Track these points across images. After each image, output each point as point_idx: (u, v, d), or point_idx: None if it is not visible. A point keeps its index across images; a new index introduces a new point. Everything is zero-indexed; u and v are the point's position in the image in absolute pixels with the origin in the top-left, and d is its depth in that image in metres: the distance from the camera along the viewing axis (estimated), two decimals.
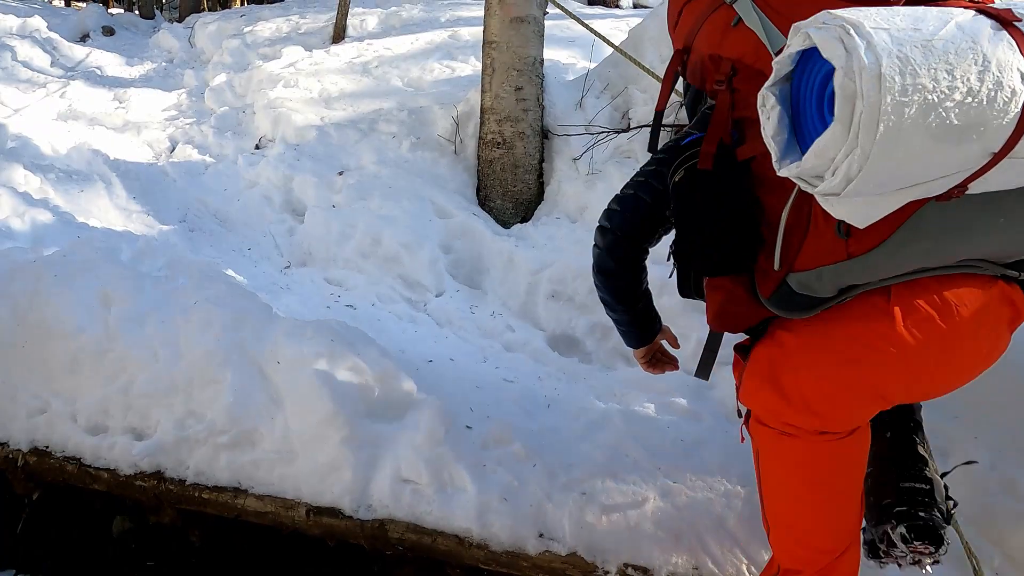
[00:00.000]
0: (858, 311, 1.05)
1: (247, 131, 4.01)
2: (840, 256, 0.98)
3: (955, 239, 0.96)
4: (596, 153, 3.14)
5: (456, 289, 2.83)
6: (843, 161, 0.77)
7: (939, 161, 0.79)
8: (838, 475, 1.20)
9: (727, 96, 1.11)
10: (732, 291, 1.13)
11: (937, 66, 0.73)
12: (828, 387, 1.10)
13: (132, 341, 1.79)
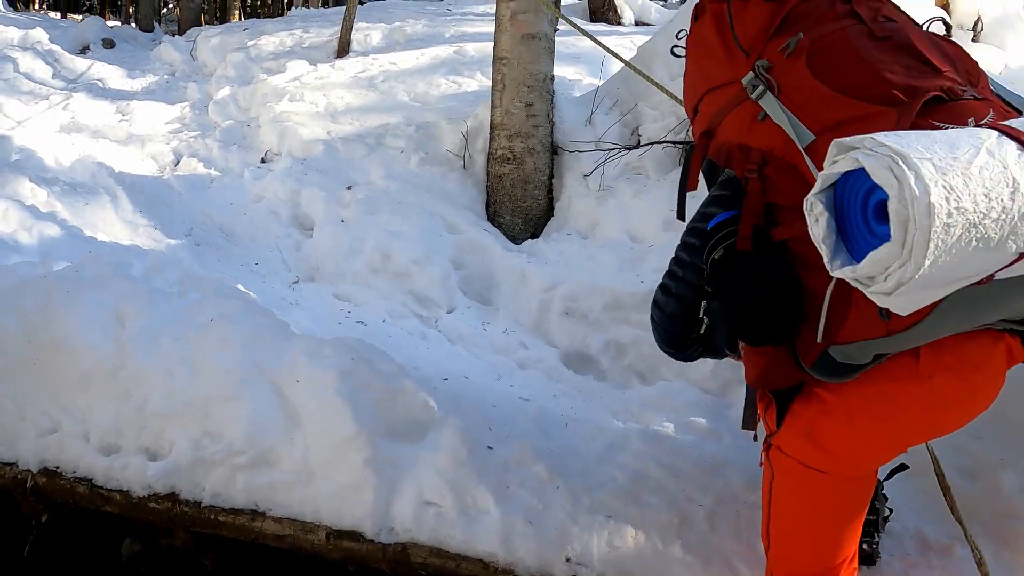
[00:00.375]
0: (891, 372, 1.13)
1: (252, 145, 3.99)
2: (880, 333, 1.06)
3: (982, 312, 1.07)
4: (607, 169, 3.13)
5: (467, 305, 2.80)
6: (896, 271, 0.87)
7: (978, 264, 0.90)
8: (848, 509, 1.29)
9: (758, 183, 1.17)
10: (775, 357, 1.19)
11: (976, 191, 0.84)
12: (861, 442, 1.21)
13: (146, 358, 1.75)
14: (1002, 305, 1.05)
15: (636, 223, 2.88)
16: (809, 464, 1.22)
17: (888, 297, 0.90)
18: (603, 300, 2.48)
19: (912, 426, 1.18)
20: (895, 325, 1.03)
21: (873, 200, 0.89)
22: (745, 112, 1.19)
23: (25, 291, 1.89)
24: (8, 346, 1.81)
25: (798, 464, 1.24)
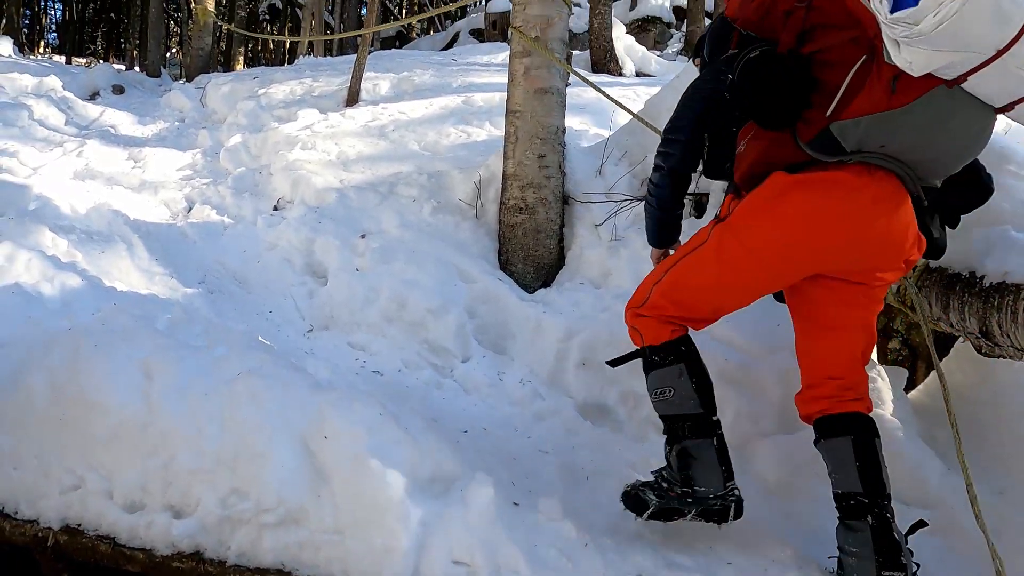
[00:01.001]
0: (833, 173, 1.55)
1: (264, 192, 4.04)
2: (881, 107, 1.44)
3: (936, 124, 1.45)
4: (618, 220, 3.18)
5: (482, 355, 2.81)
6: (944, 7, 1.18)
7: (980, 36, 1.22)
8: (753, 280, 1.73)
9: (803, 11, 1.56)
10: (776, 139, 1.58)
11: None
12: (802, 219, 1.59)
13: (174, 414, 1.75)
14: (938, 136, 1.46)
15: (646, 273, 2.91)
16: (753, 223, 1.64)
17: (919, 41, 1.24)
18: (620, 351, 2.48)
19: (819, 210, 1.56)
20: (895, 102, 1.43)
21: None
22: None
23: (52, 345, 1.90)
24: (35, 402, 1.80)
25: (742, 228, 1.66)
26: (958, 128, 1.46)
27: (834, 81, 1.50)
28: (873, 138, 1.48)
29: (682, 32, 11.01)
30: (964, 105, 1.41)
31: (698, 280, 1.74)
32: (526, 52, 3.20)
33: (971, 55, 1.25)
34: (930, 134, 1.47)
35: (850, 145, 1.50)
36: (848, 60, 1.49)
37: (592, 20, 6.70)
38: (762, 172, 1.62)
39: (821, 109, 1.51)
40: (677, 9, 12.80)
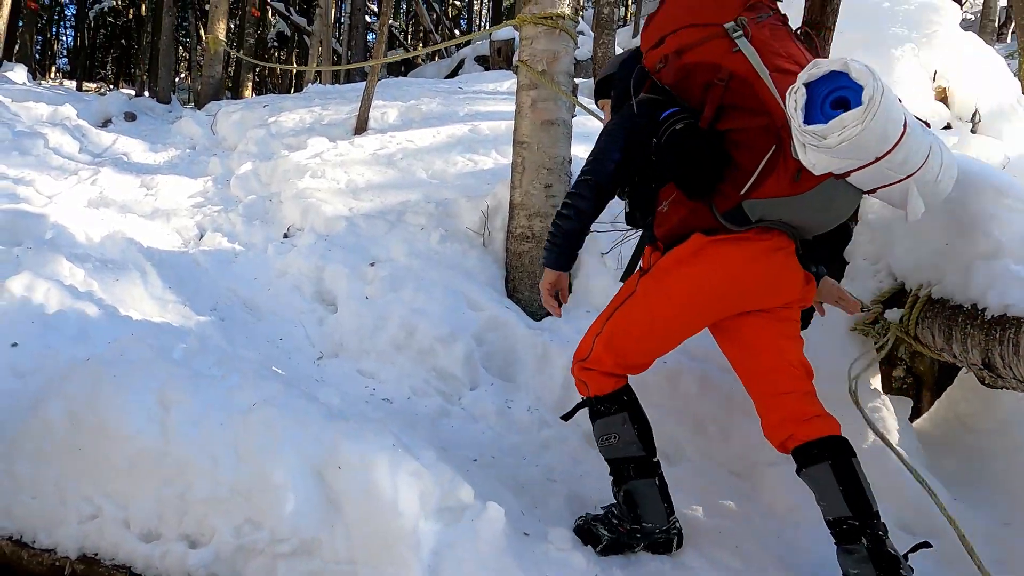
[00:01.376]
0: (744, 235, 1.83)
1: (274, 220, 4.10)
2: (785, 193, 1.76)
3: (822, 204, 1.78)
4: (623, 249, 3.23)
5: (490, 383, 2.84)
6: (849, 129, 1.50)
7: (868, 149, 1.54)
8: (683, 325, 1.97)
9: (721, 89, 1.81)
10: (697, 207, 1.84)
11: (891, 100, 1.52)
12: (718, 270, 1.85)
13: (190, 444, 1.78)
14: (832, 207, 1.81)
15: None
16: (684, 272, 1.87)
17: (821, 152, 1.57)
18: None
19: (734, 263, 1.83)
20: (796, 189, 1.74)
21: (834, 96, 1.54)
22: (722, 43, 1.82)
23: (71, 375, 1.93)
24: (54, 430, 1.84)
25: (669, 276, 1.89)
26: (838, 206, 1.84)
27: (747, 163, 1.78)
28: (775, 213, 1.80)
29: None
30: (844, 190, 1.76)
31: (634, 330, 1.94)
32: (533, 85, 3.27)
33: (858, 161, 1.59)
34: (820, 212, 1.82)
35: (755, 217, 1.81)
36: (760, 146, 1.77)
37: (596, 49, 6.81)
38: (683, 233, 1.89)
39: (735, 186, 1.79)
40: None
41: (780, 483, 2.20)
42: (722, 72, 1.80)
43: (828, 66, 1.56)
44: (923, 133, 1.65)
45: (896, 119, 1.53)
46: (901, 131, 1.54)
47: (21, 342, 2.21)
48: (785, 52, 1.83)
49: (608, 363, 1.95)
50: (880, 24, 3.07)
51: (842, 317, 2.48)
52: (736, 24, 1.81)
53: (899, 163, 1.59)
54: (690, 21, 1.88)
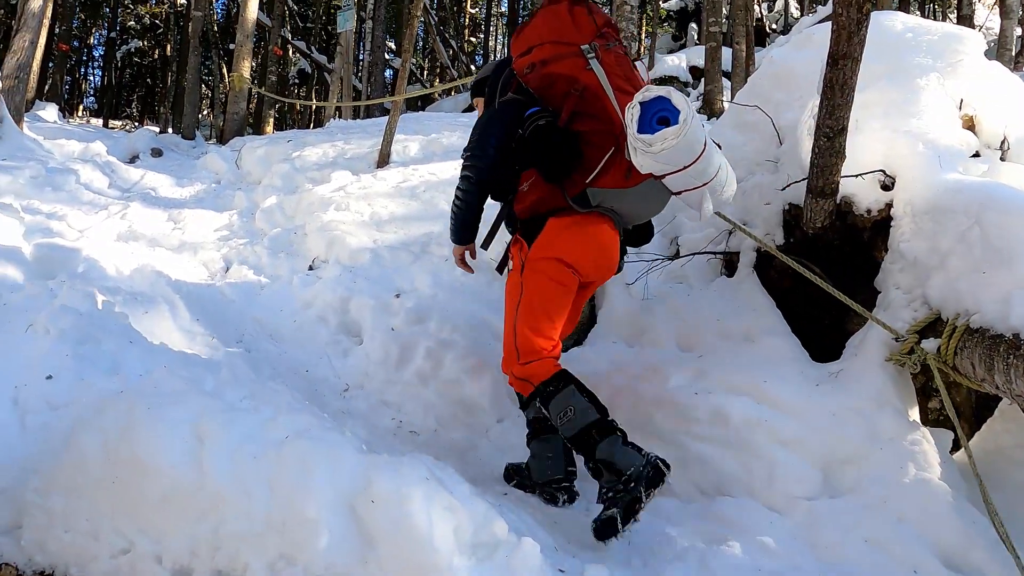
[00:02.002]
0: (584, 216, 2.26)
1: (299, 252, 4.15)
2: (620, 186, 2.21)
3: (643, 198, 2.26)
4: (650, 278, 3.22)
5: (517, 415, 2.81)
6: (668, 141, 1.95)
7: (678, 159, 1.99)
8: (564, 298, 2.29)
9: (576, 98, 2.24)
10: (551, 192, 2.24)
11: (699, 126, 1.96)
12: (576, 248, 2.27)
13: (224, 477, 1.77)
14: (648, 202, 2.31)
15: (683, 332, 2.93)
16: (550, 256, 2.24)
17: (647, 156, 2.00)
18: (661, 411, 2.49)
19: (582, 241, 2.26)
20: (627, 184, 2.19)
21: (659, 115, 1.98)
22: (579, 61, 2.26)
23: (106, 408, 1.94)
24: (88, 463, 1.84)
25: (545, 263, 2.24)
26: (653, 202, 2.32)
27: (592, 158, 2.21)
28: (609, 201, 2.25)
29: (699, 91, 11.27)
30: (659, 190, 2.23)
31: (542, 315, 2.27)
32: None
33: (672, 167, 2.04)
34: (640, 204, 2.31)
35: (595, 202, 2.24)
36: (604, 146, 2.21)
37: None
38: (540, 213, 2.28)
39: (582, 176, 2.22)
40: (693, 69, 13.14)
41: (820, 520, 2.15)
42: (578, 84, 2.25)
43: (656, 92, 2.01)
44: (716, 152, 2.13)
45: (700, 138, 2.01)
46: (703, 148, 2.03)
47: (55, 374, 2.23)
48: (624, 75, 2.31)
49: (541, 350, 2.23)
50: (903, 55, 3.07)
51: (877, 347, 2.45)
52: (590, 47, 2.27)
53: (700, 172, 2.08)
54: (555, 38, 2.30)
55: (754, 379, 2.52)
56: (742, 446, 2.38)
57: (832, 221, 2.79)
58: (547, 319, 2.26)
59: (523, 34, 2.39)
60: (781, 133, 3.21)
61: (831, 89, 2.37)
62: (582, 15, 2.34)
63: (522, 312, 2.26)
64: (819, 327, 2.93)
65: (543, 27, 2.34)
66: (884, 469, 2.17)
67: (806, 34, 3.49)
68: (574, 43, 2.27)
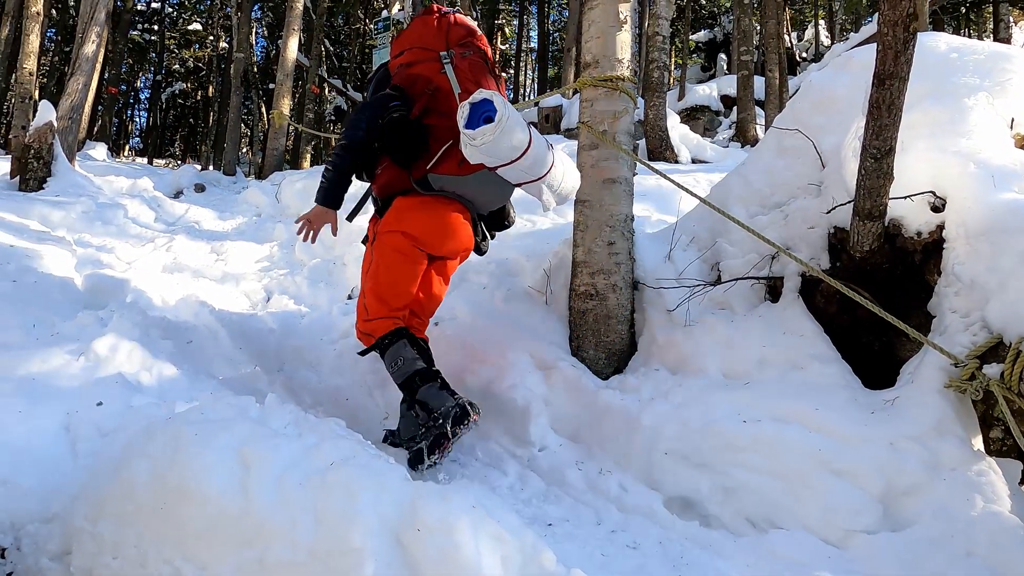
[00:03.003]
0: (431, 197, 2.61)
1: (338, 282, 4.20)
2: (454, 173, 2.56)
3: (482, 186, 2.61)
4: (691, 304, 3.16)
5: (559, 444, 2.77)
6: (488, 136, 2.28)
7: (502, 154, 2.34)
8: (412, 267, 2.65)
9: (428, 96, 2.63)
10: (399, 174, 2.61)
11: (517, 123, 2.33)
12: (418, 224, 2.61)
13: (269, 505, 1.76)
14: (487, 190, 2.66)
15: (728, 359, 2.86)
16: (395, 229, 2.60)
17: (472, 148, 2.34)
18: (707, 441, 2.42)
19: (424, 217, 2.61)
20: (460, 171, 2.55)
21: (485, 115, 2.30)
22: (436, 65, 2.68)
23: (154, 434, 1.96)
24: (136, 490, 1.85)
25: (389, 236, 2.61)
26: (491, 192, 2.71)
27: (434, 149, 2.58)
28: (449, 186, 2.62)
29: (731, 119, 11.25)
30: (495, 180, 2.57)
31: (389, 285, 2.63)
32: (594, 145, 3.31)
33: (498, 160, 2.38)
34: (477, 191, 2.68)
35: (436, 186, 2.60)
36: (444, 139, 2.58)
37: (647, 111, 6.92)
38: (390, 193, 2.66)
39: (425, 163, 2.58)
40: (725, 98, 13.13)
41: (881, 556, 2.05)
42: (432, 84, 2.64)
43: (482, 95, 2.36)
44: (547, 151, 2.50)
45: (522, 138, 2.35)
46: (526, 146, 2.37)
47: (105, 401, 2.27)
48: (475, 81, 2.67)
49: (383, 310, 2.61)
50: (948, 74, 3.02)
51: (935, 373, 2.36)
52: (447, 54, 2.68)
53: (528, 167, 2.44)
54: (420, 45, 2.74)
55: (804, 407, 2.44)
56: (793, 476, 2.30)
57: (880, 244, 2.72)
58: (390, 284, 2.63)
59: (399, 40, 2.85)
60: (823, 156, 3.16)
61: (877, 109, 2.33)
62: (446, 25, 2.77)
63: (370, 278, 2.67)
64: (870, 353, 2.84)
65: (413, 34, 2.80)
66: (948, 501, 2.06)
67: (845, 57, 3.46)
68: (435, 49, 2.70)
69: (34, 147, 5.22)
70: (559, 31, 26.60)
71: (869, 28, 11.66)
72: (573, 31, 12.59)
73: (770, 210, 3.29)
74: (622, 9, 3.26)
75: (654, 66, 6.88)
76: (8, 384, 2.25)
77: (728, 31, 20.22)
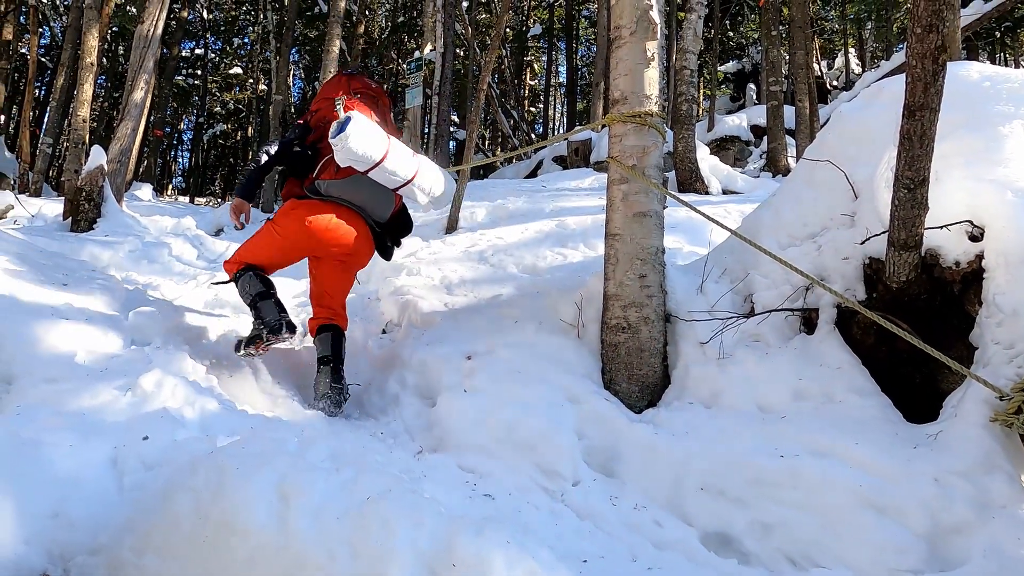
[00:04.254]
0: (317, 201, 3.46)
1: (373, 316, 4.27)
2: (331, 177, 3.41)
3: (355, 190, 3.42)
4: (724, 337, 3.15)
5: (593, 478, 2.75)
6: (339, 144, 3.19)
7: (360, 159, 3.22)
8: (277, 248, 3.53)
9: (321, 128, 3.52)
10: (294, 183, 3.57)
11: (370, 135, 3.23)
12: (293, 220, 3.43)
13: (308, 538, 1.79)
14: (360, 192, 3.43)
15: (763, 392, 2.83)
16: (274, 220, 3.50)
17: (337, 152, 3.22)
18: (743, 476, 2.39)
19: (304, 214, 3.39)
20: (337, 176, 3.39)
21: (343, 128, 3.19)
22: (332, 105, 3.42)
23: (197, 468, 2.01)
24: (181, 523, 1.90)
25: (268, 223, 3.51)
26: (367, 195, 3.43)
27: (318, 163, 3.45)
28: (332, 190, 3.39)
29: (762, 149, 11.22)
30: (370, 184, 3.38)
31: (253, 249, 3.53)
32: (624, 179, 3.35)
33: (361, 165, 3.19)
34: (355, 194, 3.41)
35: (323, 190, 3.40)
36: (327, 154, 3.41)
37: (676, 144, 6.96)
38: (288, 196, 3.51)
39: (312, 172, 3.46)
40: (755, 127, 13.13)
41: None
42: (326, 119, 3.46)
43: (346, 115, 3.19)
44: (410, 160, 3.35)
45: (376, 147, 3.20)
46: (384, 154, 3.21)
47: (151, 435, 2.34)
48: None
49: (240, 262, 3.51)
50: (982, 103, 3.00)
51: (979, 407, 2.30)
52: (340, 99, 3.36)
53: (391, 172, 3.28)
54: (326, 95, 3.65)
55: (843, 441, 2.40)
56: (833, 513, 2.25)
57: (918, 274, 2.69)
58: (256, 250, 3.53)
59: (317, 95, 3.87)
60: (856, 187, 3.15)
61: (909, 140, 2.32)
62: (346, 81, 3.69)
63: (248, 242, 3.58)
64: (910, 386, 2.78)
65: (323, 90, 3.78)
66: (999, 540, 2.00)
67: (876, 87, 3.46)
68: (331, 96, 3.49)
69: (86, 190, 5.47)
70: (587, 66, 26.99)
71: (900, 56, 11.58)
72: (601, 66, 12.80)
73: (802, 241, 3.27)
74: (649, 47, 3.33)
75: (682, 99, 6.93)
76: (60, 418, 2.33)
77: (756, 61, 20.27)
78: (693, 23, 6.97)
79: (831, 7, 21.98)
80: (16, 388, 2.68)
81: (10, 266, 3.61)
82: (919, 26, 2.13)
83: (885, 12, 17.46)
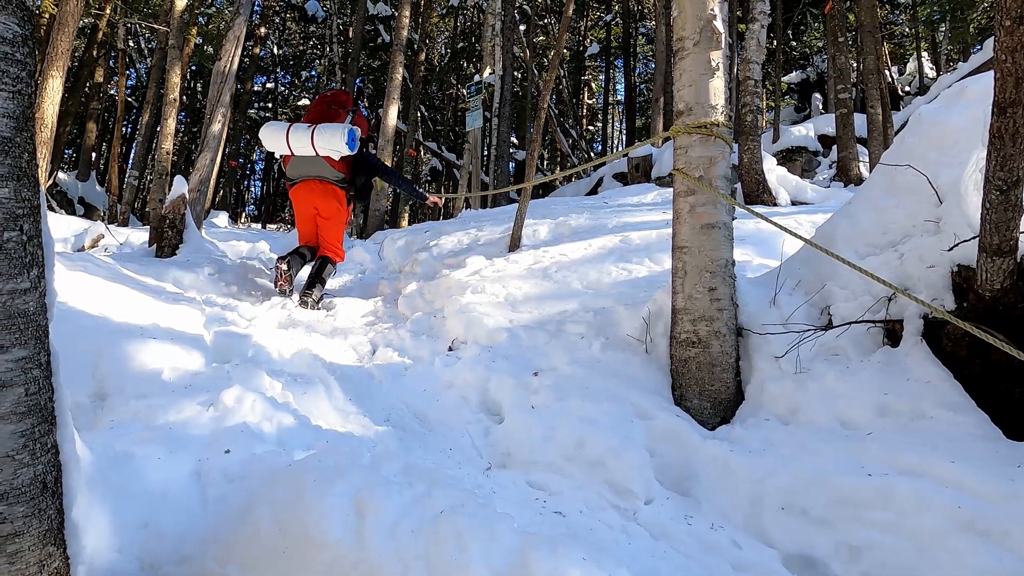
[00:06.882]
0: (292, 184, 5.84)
1: (439, 334, 4.32)
2: (286, 163, 5.63)
3: (300, 168, 5.56)
4: (801, 351, 3.03)
5: (666, 497, 2.68)
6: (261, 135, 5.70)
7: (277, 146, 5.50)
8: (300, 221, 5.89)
9: None
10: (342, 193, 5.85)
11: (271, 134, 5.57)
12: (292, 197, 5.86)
13: (384, 552, 1.80)
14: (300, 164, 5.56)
15: (844, 408, 2.70)
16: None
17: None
18: (827, 495, 2.28)
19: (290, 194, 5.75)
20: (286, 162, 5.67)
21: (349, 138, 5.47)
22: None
23: (277, 481, 2.07)
24: (261, 535, 1.95)
25: None
26: (304, 167, 5.48)
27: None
28: (289, 172, 5.53)
29: (831, 159, 10.85)
30: (303, 162, 5.46)
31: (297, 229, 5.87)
32: (691, 191, 3.29)
33: (286, 149, 5.41)
34: (299, 170, 5.49)
35: (289, 175, 5.58)
36: None
37: (742, 155, 6.81)
38: None
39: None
40: (822, 137, 12.72)
41: None
42: None
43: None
44: (305, 136, 5.29)
45: (278, 136, 5.34)
46: (284, 138, 5.30)
47: (232, 449, 2.42)
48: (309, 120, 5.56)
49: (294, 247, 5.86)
50: None
51: None
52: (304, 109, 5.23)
53: (303, 148, 5.35)
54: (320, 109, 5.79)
55: (937, 459, 2.26)
56: (929, 536, 2.11)
57: (1013, 282, 2.52)
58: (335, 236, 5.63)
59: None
60: (940, 191, 2.99)
61: (1000, 139, 2.20)
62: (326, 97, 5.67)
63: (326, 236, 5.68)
64: (1009, 402, 2.60)
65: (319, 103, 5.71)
66: None
67: (958, 87, 3.30)
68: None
69: (169, 217, 5.78)
70: (645, 82, 26.85)
71: (979, 56, 11.03)
72: (660, 81, 12.72)
73: (882, 250, 3.13)
74: (713, 57, 3.28)
75: (747, 110, 6.79)
76: (149, 432, 2.45)
77: (821, 71, 19.70)
78: (756, 32, 6.85)
79: (900, 11, 21.18)
80: (109, 404, 2.83)
81: (102, 290, 3.84)
82: (1008, 18, 2.02)
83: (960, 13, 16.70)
